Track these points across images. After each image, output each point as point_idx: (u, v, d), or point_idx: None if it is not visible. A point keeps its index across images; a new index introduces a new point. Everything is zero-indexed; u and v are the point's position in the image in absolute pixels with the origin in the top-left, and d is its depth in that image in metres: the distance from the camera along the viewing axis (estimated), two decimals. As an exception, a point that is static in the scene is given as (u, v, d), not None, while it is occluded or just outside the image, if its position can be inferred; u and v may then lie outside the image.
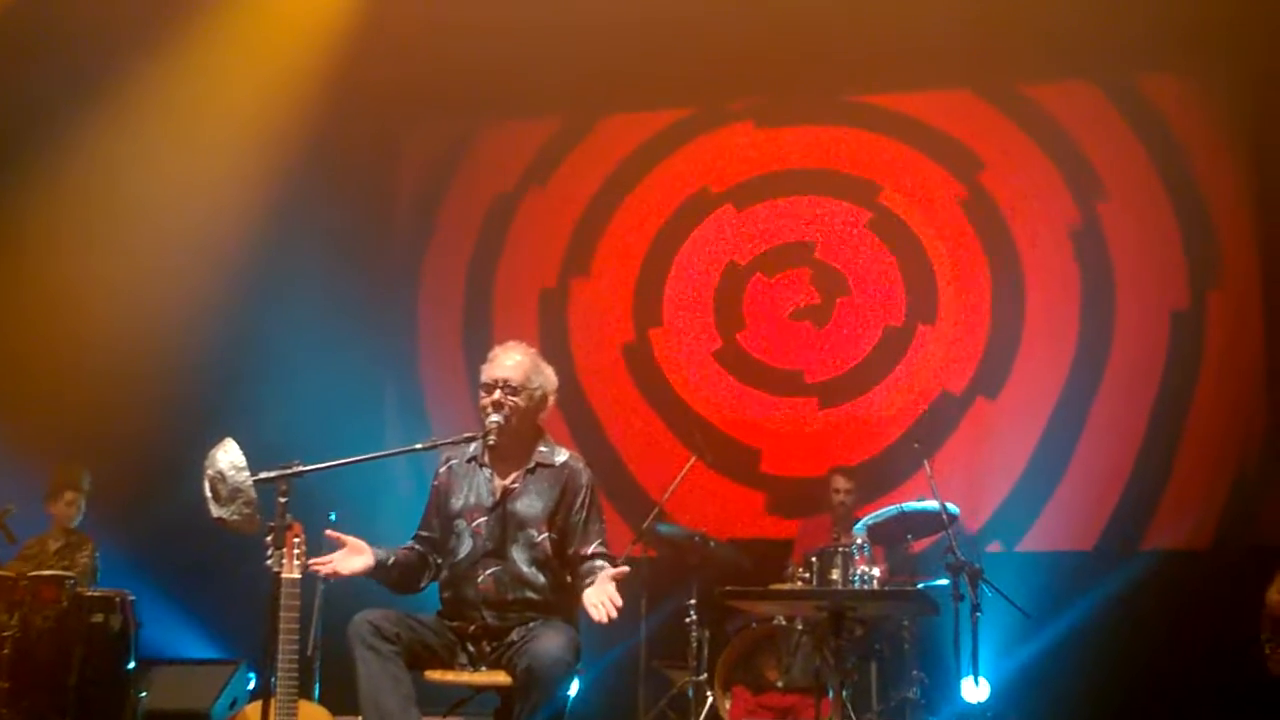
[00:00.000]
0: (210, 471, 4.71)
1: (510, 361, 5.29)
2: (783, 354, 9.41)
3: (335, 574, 5.07)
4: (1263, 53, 8.56)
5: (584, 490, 5.31)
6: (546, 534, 5.22)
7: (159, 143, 8.74)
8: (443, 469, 5.41)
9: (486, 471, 5.31)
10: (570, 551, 5.25)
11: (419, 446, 5.21)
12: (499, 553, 5.19)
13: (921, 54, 8.97)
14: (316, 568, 5.02)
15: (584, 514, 5.29)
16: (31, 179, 8.76)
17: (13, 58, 8.47)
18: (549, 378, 5.37)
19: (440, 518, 5.35)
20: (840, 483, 8.35)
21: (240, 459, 4.72)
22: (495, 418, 5.18)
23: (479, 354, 5.42)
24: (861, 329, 9.31)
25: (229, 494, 4.68)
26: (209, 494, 4.69)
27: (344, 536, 5.12)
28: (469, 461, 5.36)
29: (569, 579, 5.24)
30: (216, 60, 8.64)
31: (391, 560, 5.21)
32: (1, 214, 8.77)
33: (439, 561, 5.33)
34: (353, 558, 5.10)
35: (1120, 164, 9.02)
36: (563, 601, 5.21)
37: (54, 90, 8.68)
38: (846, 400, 9.25)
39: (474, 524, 5.23)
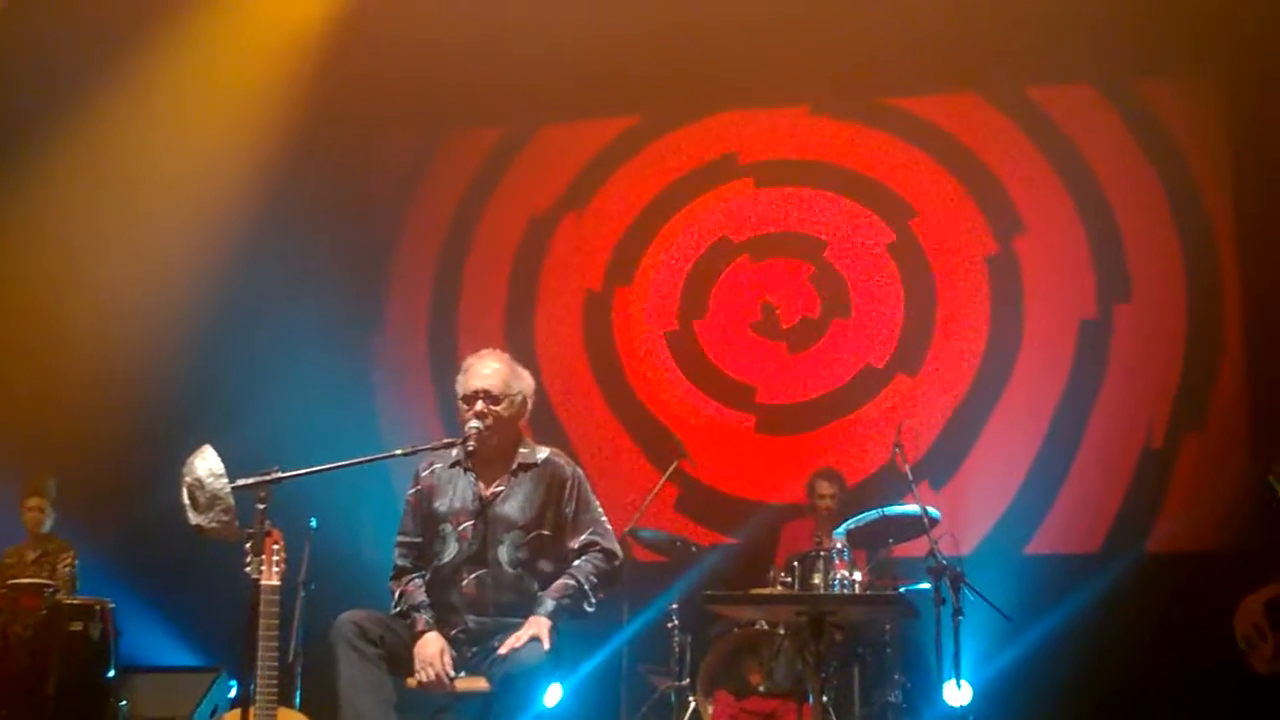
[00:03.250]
0: (188, 479, 4.68)
1: (488, 370, 5.29)
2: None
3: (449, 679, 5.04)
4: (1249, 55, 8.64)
5: (569, 483, 5.32)
6: (535, 532, 5.22)
7: (137, 149, 8.72)
8: (425, 472, 5.40)
9: (470, 476, 5.31)
10: (562, 546, 5.28)
11: (399, 453, 5.20)
12: (483, 556, 5.19)
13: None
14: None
15: (573, 505, 5.30)
16: (9, 184, 8.72)
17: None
18: (527, 382, 5.39)
19: (424, 521, 5.34)
20: (824, 487, 8.33)
21: (219, 466, 4.70)
22: (475, 424, 5.18)
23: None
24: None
25: (207, 501, 4.66)
26: (187, 501, 4.67)
27: (426, 656, 5.06)
28: (452, 466, 5.36)
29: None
30: (195, 67, 8.67)
31: (432, 614, 5.18)
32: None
33: (423, 569, 5.32)
34: (443, 656, 5.05)
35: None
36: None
37: (33, 97, 8.66)
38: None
39: (460, 528, 5.23)
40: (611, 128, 9.83)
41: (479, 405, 5.23)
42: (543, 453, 5.38)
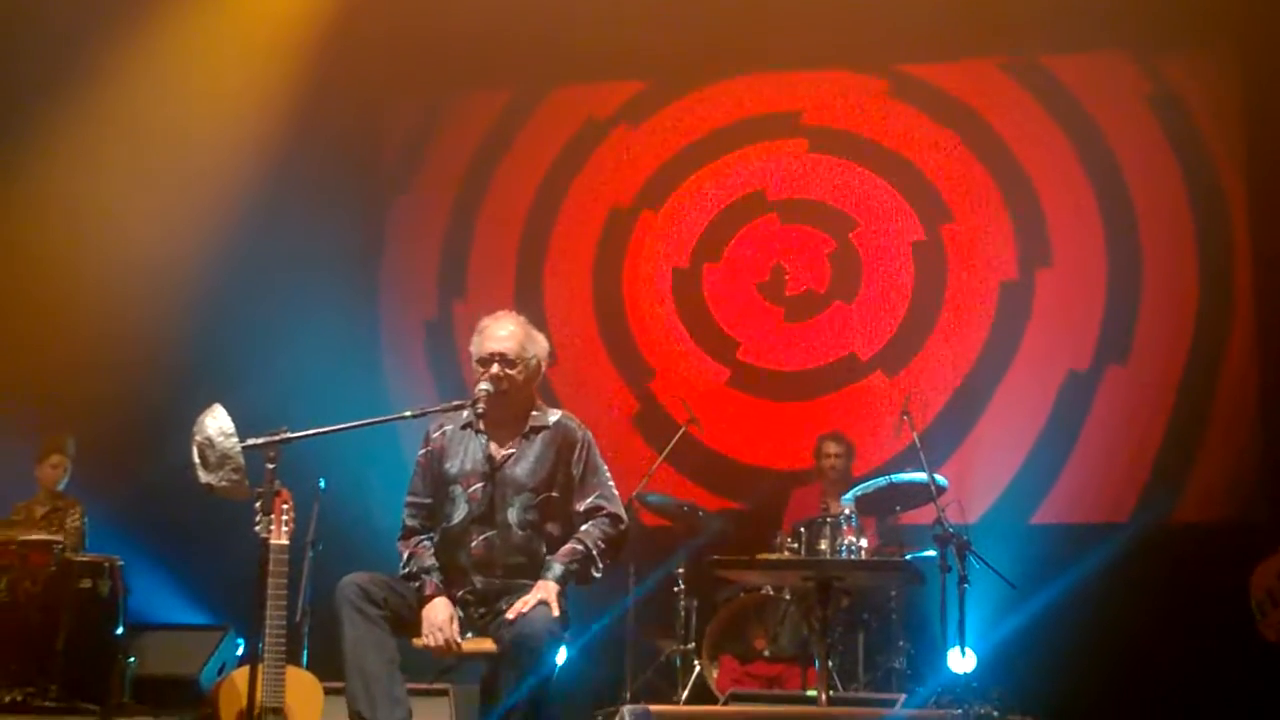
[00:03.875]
0: (198, 437, 4.70)
1: (504, 333, 5.27)
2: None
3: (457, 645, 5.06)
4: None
5: (579, 445, 5.30)
6: (544, 495, 5.21)
7: (147, 111, 8.71)
8: (436, 433, 5.38)
9: (482, 438, 5.29)
10: (570, 508, 5.28)
11: (408, 414, 5.21)
12: (492, 518, 5.18)
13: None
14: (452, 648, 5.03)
15: (581, 468, 5.28)
16: (17, 140, 8.72)
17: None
18: (541, 345, 5.36)
19: (434, 482, 5.34)
20: (831, 448, 8.33)
21: (229, 425, 4.72)
22: (485, 385, 5.17)
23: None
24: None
25: (217, 460, 4.68)
26: (197, 460, 4.69)
27: (435, 621, 5.06)
28: (463, 428, 5.34)
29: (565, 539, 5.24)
30: (205, 26, 8.67)
31: (441, 577, 5.18)
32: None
33: (431, 530, 5.34)
34: (452, 623, 5.06)
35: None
36: (556, 565, 5.21)
37: (41, 58, 8.63)
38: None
39: (470, 489, 5.22)
40: (623, 90, 9.80)
41: (494, 368, 5.21)
42: (554, 415, 5.36)
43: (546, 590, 4.99)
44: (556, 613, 4.93)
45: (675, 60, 9.54)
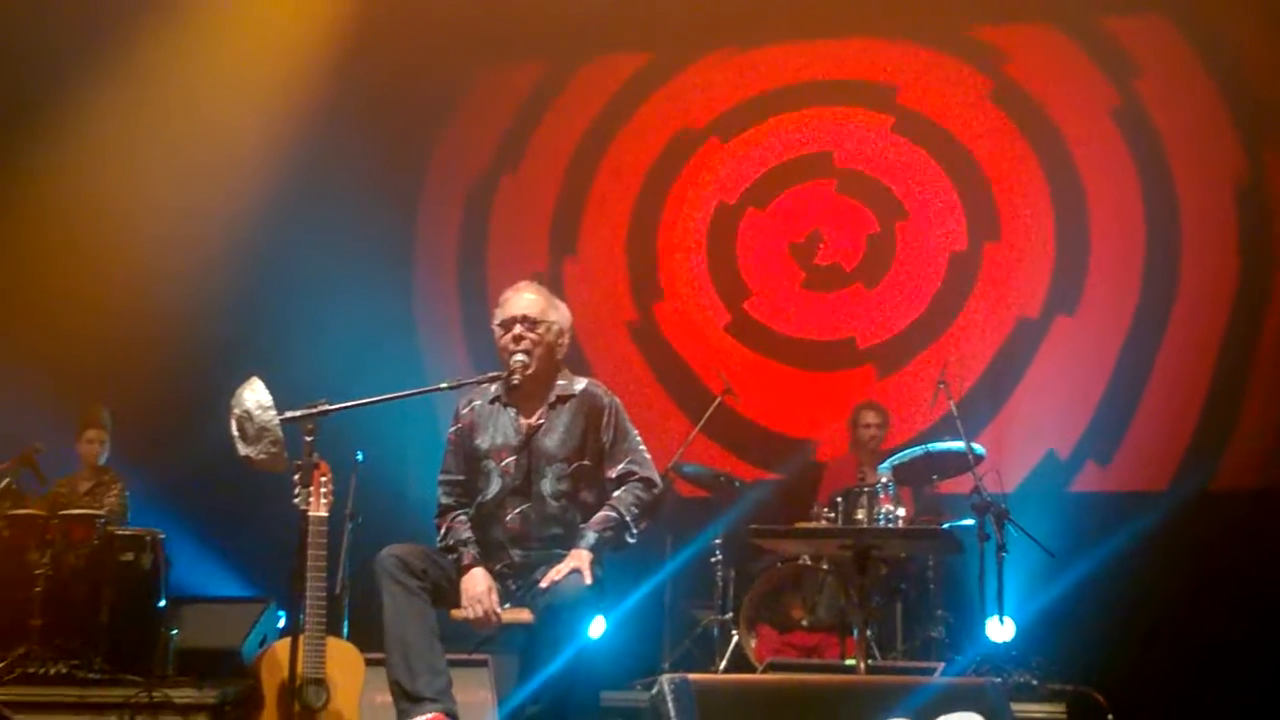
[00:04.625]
0: (237, 410, 4.73)
1: (525, 300, 5.30)
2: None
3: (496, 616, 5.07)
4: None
5: (606, 411, 5.30)
6: (577, 464, 5.23)
7: (178, 87, 8.74)
8: (465, 410, 5.40)
9: (511, 411, 5.31)
10: (602, 475, 5.29)
11: (444, 386, 5.24)
12: (526, 490, 5.21)
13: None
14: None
15: (611, 434, 5.29)
16: (54, 115, 8.76)
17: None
18: (564, 313, 5.39)
19: (465, 458, 5.36)
20: (869, 417, 8.28)
21: (267, 398, 4.75)
22: (520, 357, 5.19)
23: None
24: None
25: (256, 433, 4.71)
26: (236, 433, 4.72)
27: (473, 592, 5.07)
28: (492, 402, 5.36)
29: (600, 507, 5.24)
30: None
31: (478, 549, 5.20)
32: (25, 149, 8.77)
33: (467, 505, 5.35)
34: (491, 594, 5.08)
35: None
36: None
37: (74, 32, 8.66)
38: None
39: (502, 463, 5.24)
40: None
41: (517, 329, 5.23)
42: (580, 383, 5.37)
43: (579, 558, 5.00)
44: (589, 580, 4.94)
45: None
